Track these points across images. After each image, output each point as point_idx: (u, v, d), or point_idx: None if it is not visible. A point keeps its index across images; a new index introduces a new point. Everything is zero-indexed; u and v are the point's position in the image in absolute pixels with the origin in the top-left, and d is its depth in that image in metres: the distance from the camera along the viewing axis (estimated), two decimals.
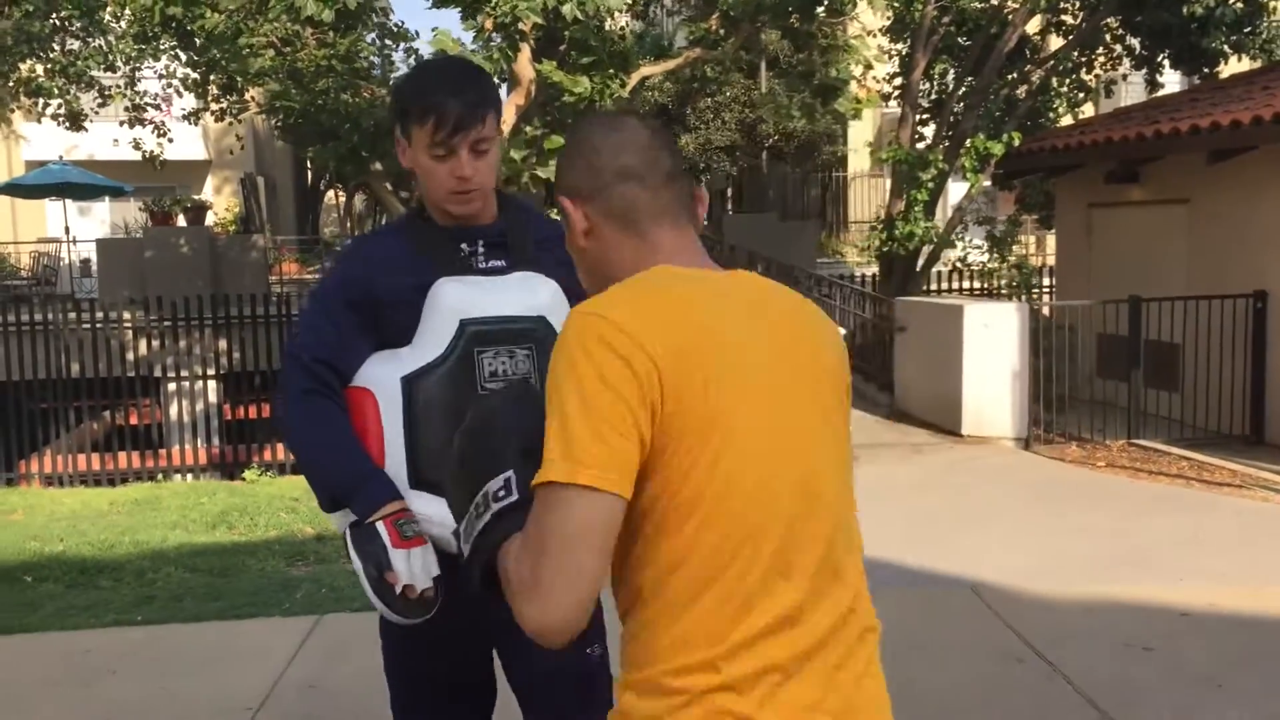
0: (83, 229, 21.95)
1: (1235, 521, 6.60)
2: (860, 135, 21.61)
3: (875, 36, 14.53)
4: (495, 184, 2.23)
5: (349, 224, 30.77)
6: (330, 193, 30.38)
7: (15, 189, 19.12)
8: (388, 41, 13.15)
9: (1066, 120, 14.73)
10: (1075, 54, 13.59)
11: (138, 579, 5.77)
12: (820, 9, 11.88)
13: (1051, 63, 13.63)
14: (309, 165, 26.59)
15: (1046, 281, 15.11)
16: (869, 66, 13.61)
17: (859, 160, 21.72)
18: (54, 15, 14.49)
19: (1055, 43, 14.18)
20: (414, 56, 12.47)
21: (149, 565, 6.01)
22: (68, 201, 19.84)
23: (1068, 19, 13.63)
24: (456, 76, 2.15)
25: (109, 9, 13.07)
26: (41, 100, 16.08)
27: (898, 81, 14.85)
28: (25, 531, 6.83)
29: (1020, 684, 4.03)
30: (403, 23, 13.73)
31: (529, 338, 2.16)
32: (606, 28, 11.50)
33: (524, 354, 2.16)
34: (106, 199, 22.69)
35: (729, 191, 21.30)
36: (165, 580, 5.75)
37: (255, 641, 4.71)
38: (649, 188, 1.50)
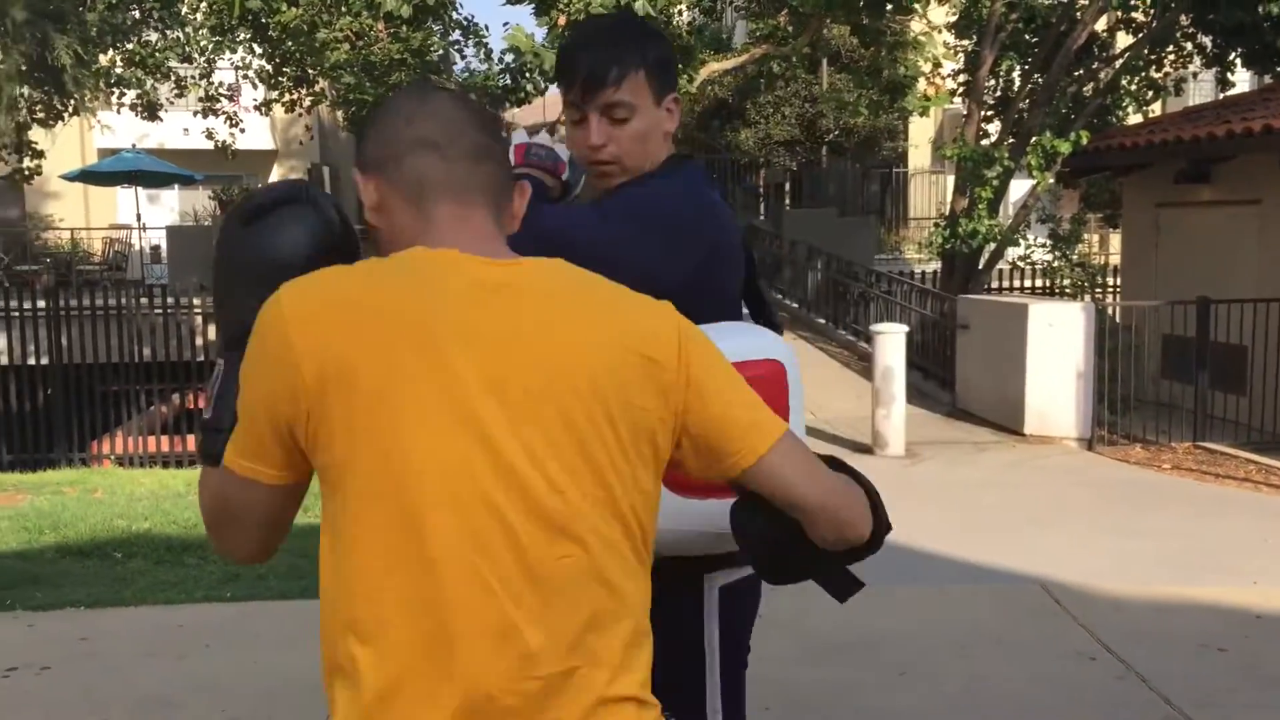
0: (152, 216, 22.40)
1: None
2: (922, 131, 21.52)
3: (941, 33, 14.49)
4: (654, 155, 1.93)
5: None
6: None
7: (89, 176, 19.56)
8: (458, 36, 13.35)
9: (1135, 119, 14.60)
10: (1145, 52, 13.47)
11: (222, 558, 5.95)
12: (889, 5, 11.88)
13: (1121, 61, 13.52)
14: None
15: (1111, 281, 15.00)
16: (938, 64, 13.57)
17: (919, 156, 21.63)
18: (135, 7, 14.86)
19: (1124, 40, 14.07)
20: (483, 51, 12.64)
21: None
22: (138, 189, 20.26)
23: (1138, 16, 13.50)
24: (597, 32, 1.96)
25: (187, 1, 13.39)
26: (119, 90, 16.50)
27: (963, 78, 14.80)
28: (111, 510, 7.05)
29: (1093, 681, 4.07)
30: (472, 16, 13.94)
31: None
32: (673, 23, 11.58)
33: None
34: (176, 187, 23.13)
35: (787, 186, 21.30)
36: None
37: None
38: (447, 159, 1.34)
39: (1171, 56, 14.10)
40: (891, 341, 8.97)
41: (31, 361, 12.34)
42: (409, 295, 1.27)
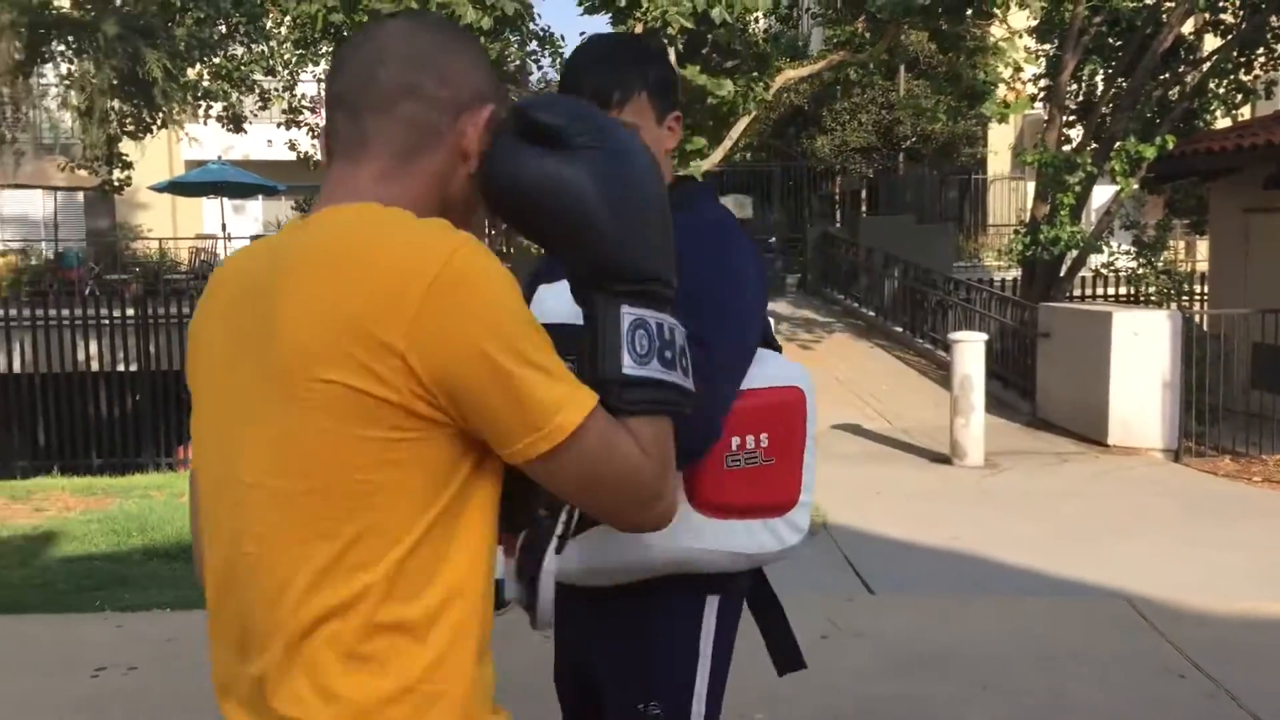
0: (237, 226, 22.89)
1: None
2: (1001, 137, 21.20)
3: (1021, 37, 14.28)
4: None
5: (485, 222, 31.49)
6: None
7: (177, 187, 20.06)
8: (534, 46, 13.46)
9: (1223, 123, 14.24)
10: (1234, 54, 13.13)
11: None
12: (969, 10, 11.75)
13: (1209, 64, 13.20)
14: None
15: (1198, 288, 14.65)
16: (1018, 69, 13.38)
17: (999, 162, 21.31)
18: (222, 22, 15.24)
19: (1212, 42, 13.73)
20: (559, 60, 12.72)
21: None
22: (224, 200, 20.71)
23: (1227, 18, 13.17)
24: (593, 54, 1.92)
25: (271, 15, 13.67)
26: (205, 103, 16.93)
27: (1044, 83, 14.56)
28: None
29: (1182, 700, 3.97)
30: (549, 27, 14.08)
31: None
32: (749, 31, 11.57)
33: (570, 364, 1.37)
34: (260, 197, 23.59)
35: (864, 193, 21.11)
36: None
37: None
38: (350, 113, 1.23)
39: (1261, 59, 13.73)
40: (970, 350, 8.85)
41: (121, 368, 12.68)
42: (228, 266, 1.30)
